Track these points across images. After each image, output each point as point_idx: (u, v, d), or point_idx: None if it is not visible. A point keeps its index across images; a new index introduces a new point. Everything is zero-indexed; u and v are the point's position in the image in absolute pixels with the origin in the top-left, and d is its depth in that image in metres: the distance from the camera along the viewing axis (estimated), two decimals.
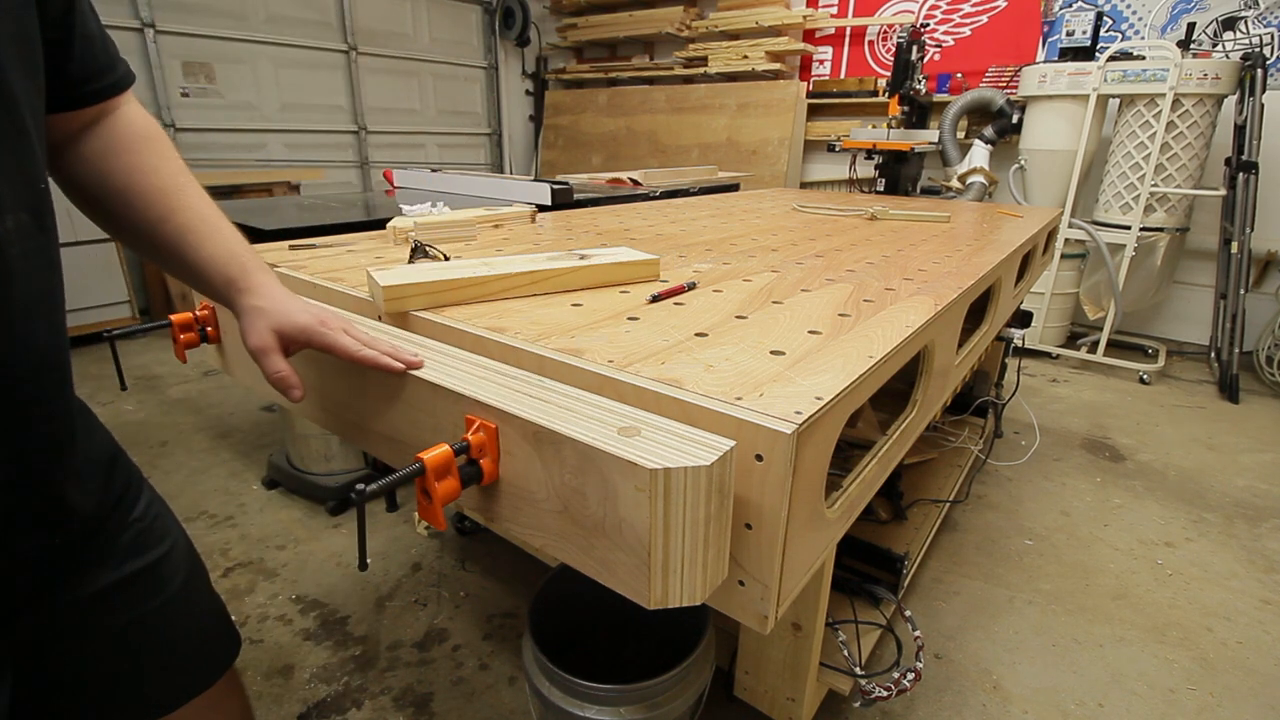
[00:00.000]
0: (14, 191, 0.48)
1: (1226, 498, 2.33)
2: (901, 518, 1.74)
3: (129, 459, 0.72)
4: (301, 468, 2.17)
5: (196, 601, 0.77)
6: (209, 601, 0.80)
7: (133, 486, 0.71)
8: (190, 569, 0.77)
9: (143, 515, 0.70)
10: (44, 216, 0.52)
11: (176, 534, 0.75)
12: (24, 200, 0.49)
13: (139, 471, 0.74)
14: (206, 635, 0.79)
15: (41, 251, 0.52)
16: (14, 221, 0.48)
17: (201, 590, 0.79)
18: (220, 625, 0.81)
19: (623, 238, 1.44)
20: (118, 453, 0.70)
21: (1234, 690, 1.51)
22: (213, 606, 0.81)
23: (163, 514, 0.75)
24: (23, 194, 0.49)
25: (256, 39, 4.41)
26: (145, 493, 0.73)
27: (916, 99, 3.48)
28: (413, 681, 1.50)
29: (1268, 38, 3.40)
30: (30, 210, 0.50)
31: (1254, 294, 3.54)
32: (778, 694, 1.26)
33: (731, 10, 4.91)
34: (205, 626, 0.79)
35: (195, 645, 0.77)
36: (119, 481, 0.69)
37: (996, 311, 1.42)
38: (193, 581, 0.77)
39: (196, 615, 0.77)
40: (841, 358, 0.70)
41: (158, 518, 0.73)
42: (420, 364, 0.68)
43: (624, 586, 0.54)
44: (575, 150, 5.85)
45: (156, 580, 0.71)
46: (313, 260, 1.08)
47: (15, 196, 0.48)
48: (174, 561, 0.73)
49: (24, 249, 0.49)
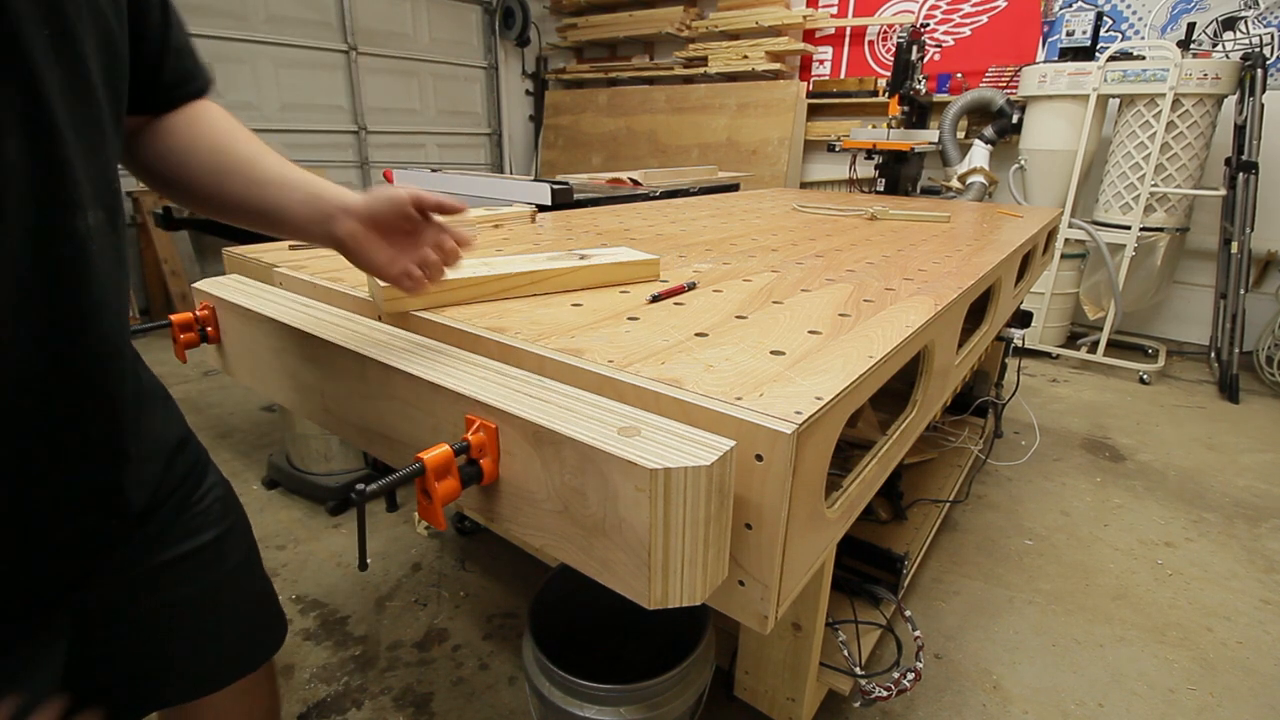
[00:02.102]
0: (95, 190, 0.51)
1: (1226, 498, 2.33)
2: (901, 518, 1.74)
3: (198, 442, 0.76)
4: (301, 468, 2.17)
5: (248, 585, 0.81)
6: (260, 585, 0.83)
7: (198, 468, 0.75)
8: (246, 553, 0.81)
9: (204, 496, 0.74)
10: (117, 215, 0.56)
11: (236, 516, 0.79)
12: (103, 199, 0.53)
13: (206, 453, 0.78)
14: (255, 619, 0.82)
15: (114, 248, 0.55)
16: (94, 219, 0.51)
17: (255, 575, 0.82)
18: (268, 611, 0.84)
19: (623, 238, 1.44)
20: (188, 435, 0.74)
21: (1234, 690, 1.51)
22: (263, 590, 0.84)
23: (225, 496, 0.78)
24: (102, 193, 0.53)
25: (256, 39, 4.41)
26: (210, 474, 0.77)
27: (916, 99, 3.48)
28: (413, 681, 1.50)
29: (1268, 38, 3.40)
30: (106, 208, 0.53)
31: (1254, 294, 3.54)
32: (778, 694, 1.26)
33: (731, 10, 4.91)
34: (255, 610, 0.82)
35: (244, 628, 0.80)
36: (184, 463, 0.72)
37: (996, 311, 1.42)
38: (246, 565, 0.81)
39: (247, 598, 0.81)
40: (841, 358, 0.70)
41: (219, 500, 0.77)
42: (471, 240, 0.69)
43: (624, 586, 0.54)
44: (575, 150, 5.85)
45: (211, 559, 0.74)
46: (313, 260, 1.08)
47: (96, 194, 0.52)
48: (231, 543, 0.77)
49: (101, 245, 0.53)
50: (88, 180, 0.50)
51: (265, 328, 0.87)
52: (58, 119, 0.46)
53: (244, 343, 0.93)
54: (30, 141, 0.45)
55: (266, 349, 0.88)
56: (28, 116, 0.45)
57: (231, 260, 1.15)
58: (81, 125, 0.49)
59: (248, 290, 0.97)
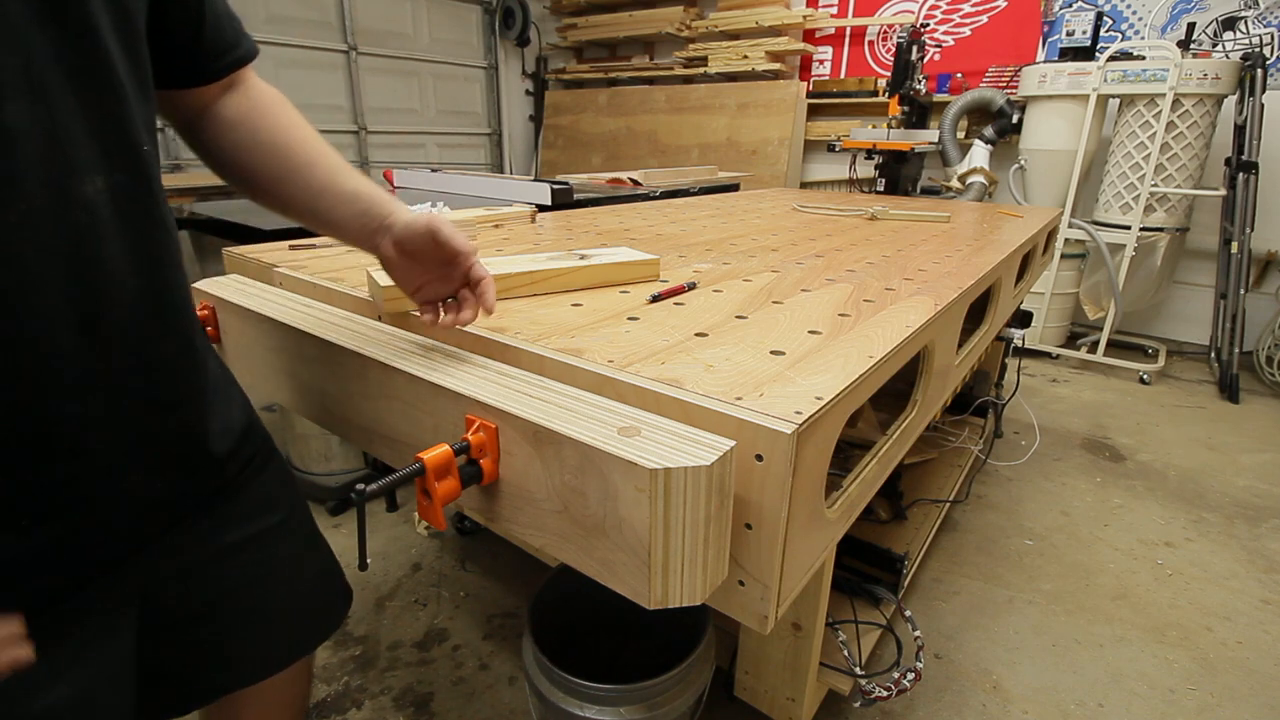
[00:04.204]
0: (107, 154, 0.50)
1: (1226, 498, 2.33)
2: (901, 518, 1.74)
3: (263, 427, 0.77)
4: (301, 468, 2.17)
5: (312, 564, 0.82)
6: (325, 563, 0.84)
7: (261, 453, 0.75)
8: (308, 533, 0.82)
9: (269, 480, 0.75)
10: (147, 180, 0.55)
11: (297, 497, 0.80)
12: (122, 162, 0.52)
13: (271, 440, 0.78)
14: (316, 600, 0.83)
15: (146, 214, 0.55)
16: (105, 183, 0.50)
17: (320, 551, 0.84)
18: (330, 589, 0.85)
19: (623, 238, 1.44)
20: (254, 420, 0.75)
21: (1234, 690, 1.51)
22: (327, 568, 0.85)
23: (287, 482, 0.79)
24: (120, 156, 0.52)
25: (256, 39, 4.34)
26: (275, 460, 0.78)
27: (916, 99, 3.48)
28: (413, 681, 1.50)
29: (1268, 38, 3.40)
30: (129, 172, 0.52)
31: (1254, 294, 3.54)
32: (778, 694, 1.26)
33: (731, 10, 4.91)
34: (317, 590, 0.83)
35: (306, 609, 0.81)
36: (251, 446, 0.73)
37: (996, 311, 1.42)
38: (312, 542, 0.82)
39: (310, 578, 0.82)
40: (841, 358, 0.70)
41: (283, 485, 0.78)
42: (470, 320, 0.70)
43: (624, 586, 0.54)
44: (575, 150, 5.84)
45: (277, 539, 0.75)
46: (313, 260, 1.08)
47: (110, 159, 0.51)
48: (295, 522, 0.79)
49: (121, 210, 0.52)
50: (96, 144, 0.49)
51: (265, 328, 0.87)
52: (47, 80, 0.46)
53: (244, 343, 0.93)
54: (36, 107, 0.45)
55: (266, 349, 0.88)
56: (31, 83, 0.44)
57: (231, 260, 1.15)
58: (86, 87, 0.48)
59: (248, 290, 0.97)
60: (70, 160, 0.48)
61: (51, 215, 0.47)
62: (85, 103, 0.48)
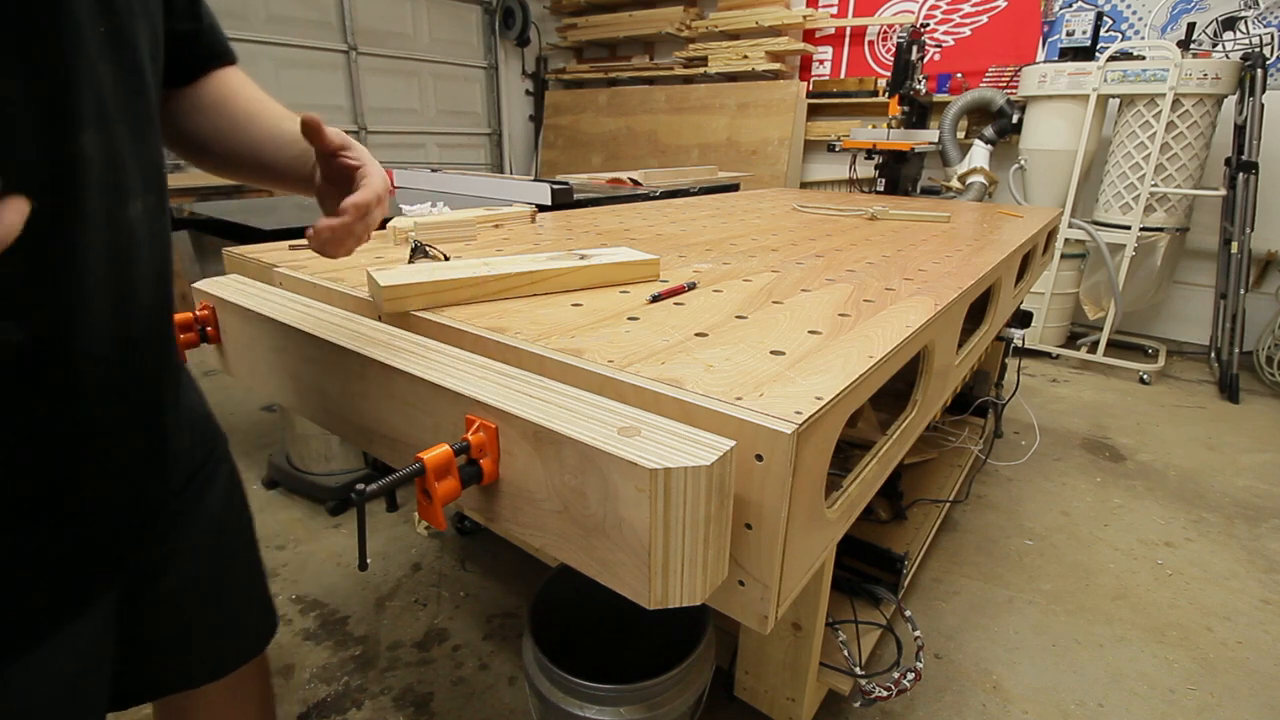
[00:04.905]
0: (145, 177, 0.54)
1: (1226, 498, 2.33)
2: (901, 518, 1.74)
3: (216, 422, 0.78)
4: (301, 468, 2.17)
5: (256, 568, 0.84)
6: (261, 570, 0.86)
7: (220, 445, 0.77)
8: (252, 537, 0.83)
9: (221, 476, 0.76)
10: (165, 198, 0.58)
11: (243, 498, 0.81)
12: (152, 184, 0.55)
13: (225, 437, 0.80)
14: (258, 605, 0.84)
15: (163, 230, 0.58)
16: (143, 205, 0.54)
17: (257, 558, 0.85)
18: (266, 598, 0.86)
19: (623, 238, 1.44)
20: (208, 413, 0.77)
21: (1234, 690, 1.51)
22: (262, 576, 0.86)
23: (234, 480, 0.80)
24: (151, 179, 0.55)
25: (257, 39, 4.41)
26: (228, 459, 0.79)
27: (916, 99, 3.48)
28: (413, 681, 1.50)
29: (1268, 38, 3.40)
30: (156, 193, 0.56)
31: (1254, 294, 3.54)
32: (778, 694, 1.26)
33: (731, 10, 4.91)
34: (259, 595, 0.84)
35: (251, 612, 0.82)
36: (210, 437, 0.75)
37: (996, 311, 1.42)
38: (253, 548, 0.83)
39: (256, 582, 0.83)
40: (841, 358, 0.70)
41: (233, 483, 0.79)
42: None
43: (624, 586, 0.54)
44: (575, 150, 5.84)
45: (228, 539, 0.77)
46: (313, 260, 1.08)
47: (146, 181, 0.54)
48: (243, 523, 0.80)
49: (150, 229, 0.55)
50: (138, 168, 0.53)
51: (265, 328, 0.87)
52: (108, 109, 0.49)
53: (244, 343, 0.93)
54: (100, 135, 0.48)
55: (266, 349, 0.88)
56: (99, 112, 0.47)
57: (231, 260, 1.15)
58: (132, 116, 0.52)
59: (248, 290, 0.97)
60: (121, 185, 0.51)
61: (104, 237, 0.50)
62: (133, 130, 0.52)
